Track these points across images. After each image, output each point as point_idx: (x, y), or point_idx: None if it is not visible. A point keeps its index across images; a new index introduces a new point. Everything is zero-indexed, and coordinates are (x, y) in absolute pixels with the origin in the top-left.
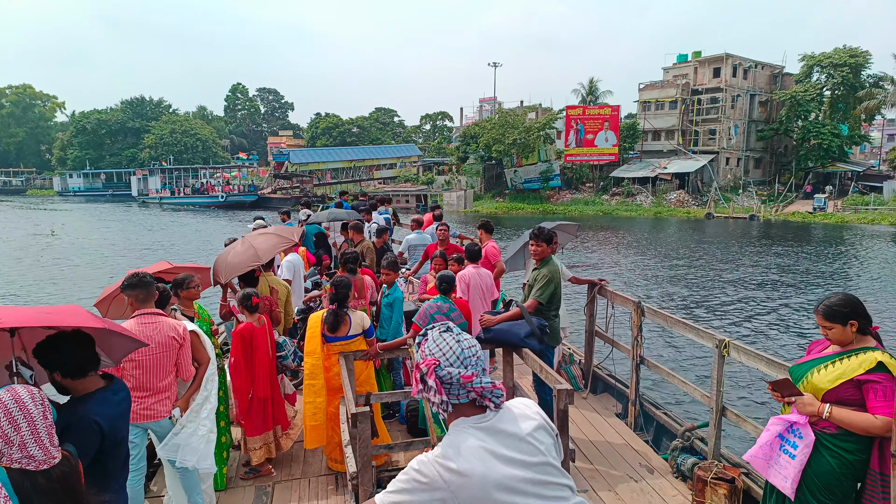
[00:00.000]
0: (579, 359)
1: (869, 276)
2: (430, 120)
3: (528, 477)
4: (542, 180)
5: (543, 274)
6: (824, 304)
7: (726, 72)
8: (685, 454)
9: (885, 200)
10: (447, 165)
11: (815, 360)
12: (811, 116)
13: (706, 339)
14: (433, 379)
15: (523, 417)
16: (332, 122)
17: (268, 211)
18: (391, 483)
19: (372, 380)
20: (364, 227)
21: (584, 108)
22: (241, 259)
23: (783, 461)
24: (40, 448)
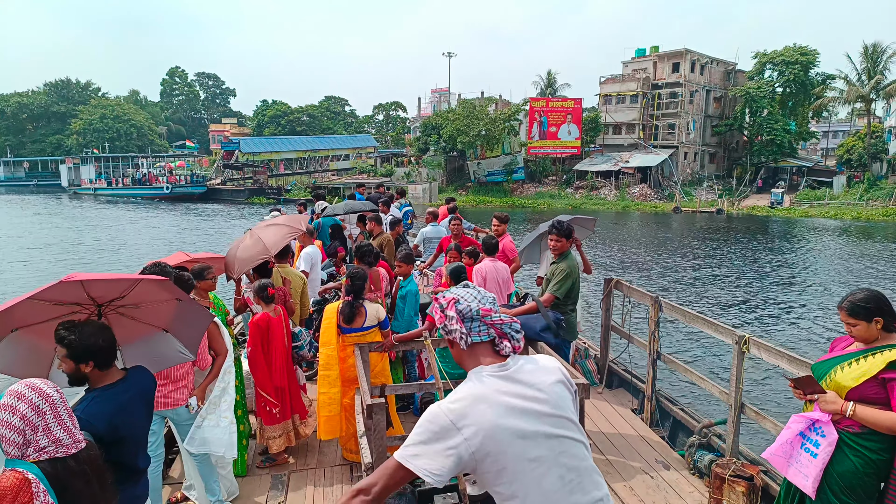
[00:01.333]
0: (594, 353)
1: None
2: (384, 110)
3: (541, 430)
4: (505, 173)
5: (562, 268)
6: (849, 301)
7: (685, 67)
8: (702, 451)
9: (836, 195)
10: (406, 157)
11: (839, 357)
12: (764, 113)
13: (725, 335)
14: (453, 310)
15: (543, 370)
16: (281, 109)
17: (219, 203)
18: (409, 437)
19: (387, 372)
20: (382, 220)
21: (547, 101)
22: (250, 253)
23: (804, 459)
24: (66, 432)
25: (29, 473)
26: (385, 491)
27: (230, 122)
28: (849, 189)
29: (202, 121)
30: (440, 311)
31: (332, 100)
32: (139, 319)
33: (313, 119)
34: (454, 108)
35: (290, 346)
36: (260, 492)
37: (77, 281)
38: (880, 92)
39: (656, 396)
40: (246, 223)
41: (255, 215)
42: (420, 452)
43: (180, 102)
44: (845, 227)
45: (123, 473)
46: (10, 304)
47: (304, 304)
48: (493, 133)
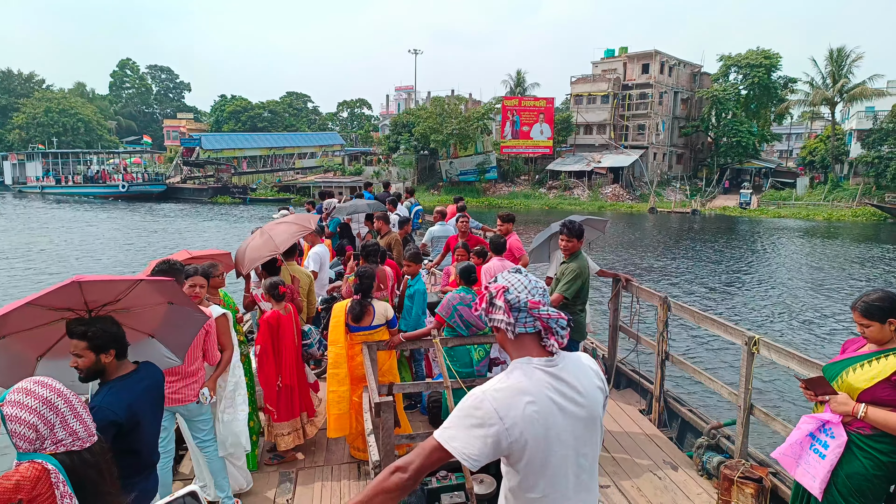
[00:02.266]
0: (602, 353)
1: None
2: (348, 107)
3: (575, 432)
4: (478, 172)
5: (572, 268)
6: (862, 301)
7: (654, 68)
8: (711, 452)
9: (800, 196)
10: (376, 155)
11: (851, 358)
12: (730, 115)
13: (735, 335)
14: (502, 300)
15: (585, 372)
16: (241, 105)
17: (181, 203)
18: (449, 419)
19: (395, 370)
20: (390, 219)
21: (520, 100)
22: (259, 251)
23: (812, 460)
24: (82, 424)
25: (47, 464)
26: (422, 470)
27: (186, 117)
28: (812, 190)
29: (154, 115)
30: (489, 299)
31: (295, 96)
32: (127, 325)
33: (275, 115)
34: (425, 105)
35: (300, 344)
36: (268, 488)
37: (76, 283)
38: (844, 95)
39: (664, 397)
40: (219, 224)
41: (227, 216)
42: (460, 435)
43: (131, 96)
44: (818, 227)
45: (138, 465)
46: (8, 308)
47: (311, 301)
48: (467, 132)
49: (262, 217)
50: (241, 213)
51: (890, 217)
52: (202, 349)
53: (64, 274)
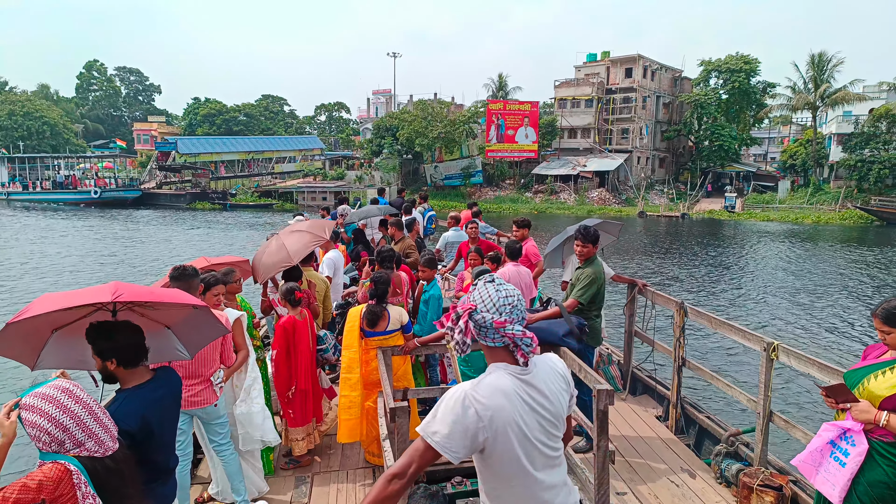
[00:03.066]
0: (618, 359)
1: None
2: (326, 110)
3: (542, 437)
4: (463, 176)
5: (587, 274)
6: (883, 308)
7: (637, 73)
8: (729, 460)
9: (782, 199)
10: (358, 160)
11: (872, 365)
12: (711, 119)
13: (753, 341)
14: (465, 320)
15: (553, 377)
16: (215, 108)
17: (157, 209)
18: (430, 413)
19: (409, 375)
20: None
21: (504, 103)
22: (273, 260)
23: (833, 468)
24: (104, 430)
25: (70, 465)
26: (417, 471)
27: (157, 120)
28: (793, 193)
29: (123, 119)
30: (454, 318)
31: (271, 99)
32: (149, 317)
33: (251, 119)
34: (407, 109)
35: (315, 349)
36: (285, 492)
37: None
38: (826, 99)
39: (681, 403)
40: (207, 232)
41: (209, 223)
42: (441, 430)
43: (98, 98)
44: (808, 231)
45: (154, 472)
46: (45, 310)
47: (327, 307)
48: (453, 135)
49: (246, 224)
50: (224, 219)
51: (876, 220)
52: (219, 352)
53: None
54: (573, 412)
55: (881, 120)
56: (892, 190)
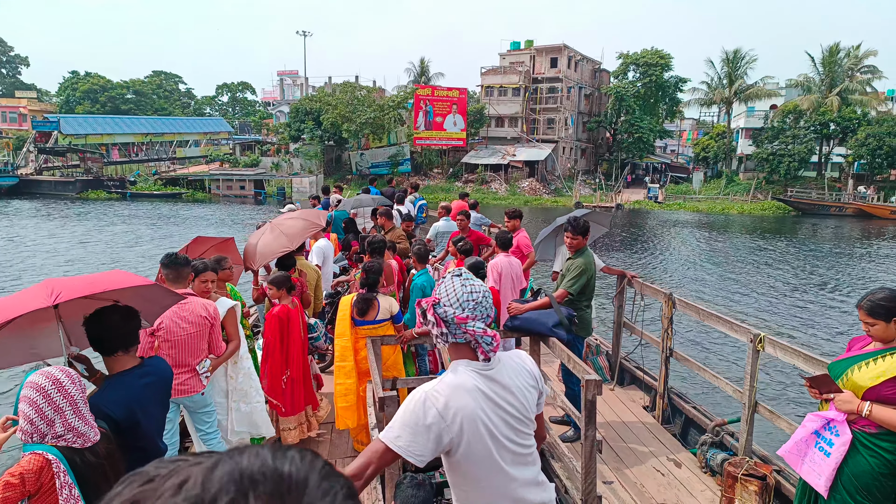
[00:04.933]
0: (606, 350)
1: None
2: (229, 90)
3: (508, 432)
4: (391, 165)
5: (578, 264)
6: (868, 300)
7: (562, 63)
8: (714, 449)
9: (697, 190)
10: (274, 145)
11: (856, 356)
12: (631, 112)
13: (740, 332)
14: (432, 314)
15: (519, 373)
16: (98, 83)
17: (40, 199)
18: (393, 419)
19: (399, 365)
20: (394, 214)
21: (433, 89)
22: (272, 247)
23: (818, 458)
24: (87, 425)
25: (48, 454)
26: (374, 473)
27: (27, 96)
28: (706, 185)
29: None
30: (422, 312)
31: (164, 75)
32: (94, 298)
33: (141, 97)
34: (324, 90)
35: (307, 338)
36: None
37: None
38: (740, 95)
39: (668, 394)
40: (118, 228)
41: (109, 215)
42: (404, 435)
43: None
44: (735, 220)
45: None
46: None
47: (318, 297)
48: (382, 121)
49: (152, 215)
50: (124, 210)
51: (792, 210)
52: (206, 341)
53: None
54: (562, 402)
55: (789, 115)
56: (797, 181)
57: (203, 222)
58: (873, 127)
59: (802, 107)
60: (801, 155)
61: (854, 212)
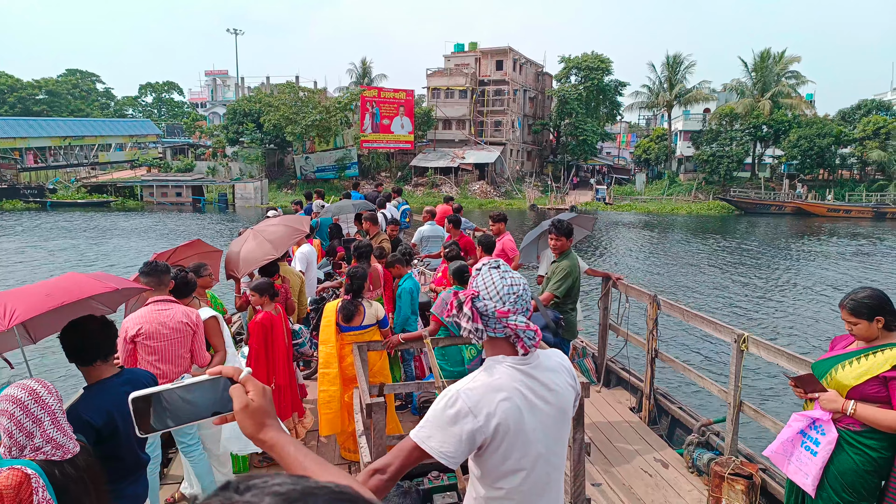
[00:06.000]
0: (592, 352)
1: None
2: (153, 90)
3: (546, 429)
4: (337, 168)
5: (562, 267)
6: (850, 299)
7: (508, 65)
8: (701, 449)
9: (640, 191)
10: (209, 149)
11: (840, 355)
12: (574, 114)
13: (724, 333)
14: (469, 307)
15: (557, 371)
16: (5, 83)
17: None
18: (425, 417)
19: (386, 370)
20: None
21: (379, 91)
22: (255, 253)
23: (804, 458)
24: (66, 436)
25: (27, 469)
26: (401, 470)
27: None
28: (649, 186)
29: None
30: (457, 304)
31: (79, 74)
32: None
33: (55, 98)
34: (270, 92)
35: (291, 345)
36: None
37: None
38: (680, 99)
39: (654, 395)
40: (56, 243)
41: (32, 228)
42: (436, 434)
43: None
44: (686, 221)
45: (122, 471)
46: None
47: (302, 302)
48: (328, 123)
49: (77, 227)
50: (45, 221)
51: (736, 210)
52: (189, 350)
53: None
54: None
55: (725, 118)
56: (733, 181)
57: (153, 233)
58: (804, 129)
59: (738, 110)
60: (739, 156)
61: (793, 210)
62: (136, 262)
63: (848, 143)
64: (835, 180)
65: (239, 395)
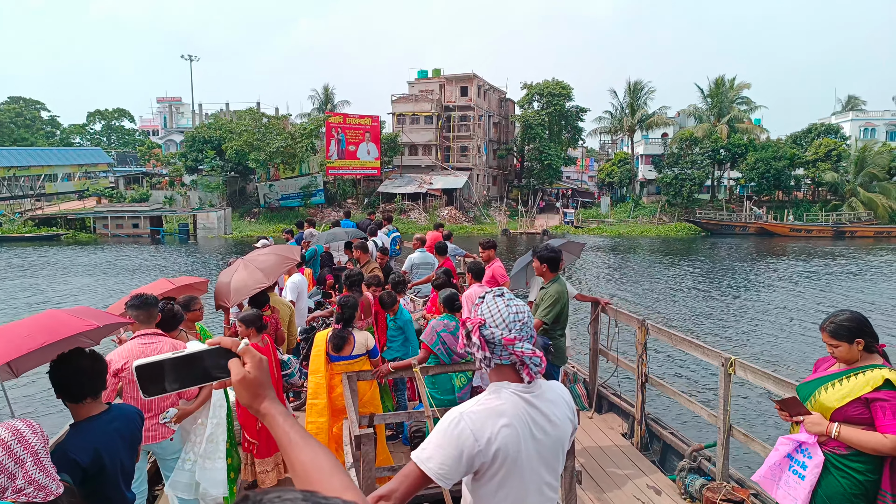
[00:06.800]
0: (583, 377)
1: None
2: (103, 118)
3: (541, 455)
4: (303, 196)
5: (550, 293)
6: (830, 322)
7: (472, 91)
8: (693, 475)
9: (605, 214)
10: (166, 177)
11: (823, 377)
12: (537, 140)
13: (711, 357)
14: (477, 336)
15: (557, 403)
16: None
17: None
18: (426, 440)
19: (376, 401)
20: (369, 247)
21: (344, 117)
22: (246, 282)
23: (792, 482)
24: (49, 477)
25: None
26: (406, 496)
27: None
28: (613, 209)
29: None
30: (466, 335)
31: (22, 102)
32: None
33: None
34: (230, 118)
35: (280, 376)
36: None
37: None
38: (642, 124)
39: (646, 420)
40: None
41: None
42: (436, 456)
43: None
44: (656, 243)
45: None
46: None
47: (292, 332)
48: (294, 150)
49: (33, 265)
50: None
51: (702, 231)
52: None
53: None
54: None
55: (685, 142)
56: (694, 203)
57: (118, 269)
58: (760, 152)
59: (697, 134)
60: (700, 179)
61: (756, 230)
62: (108, 302)
63: (801, 166)
64: (790, 201)
65: (236, 367)
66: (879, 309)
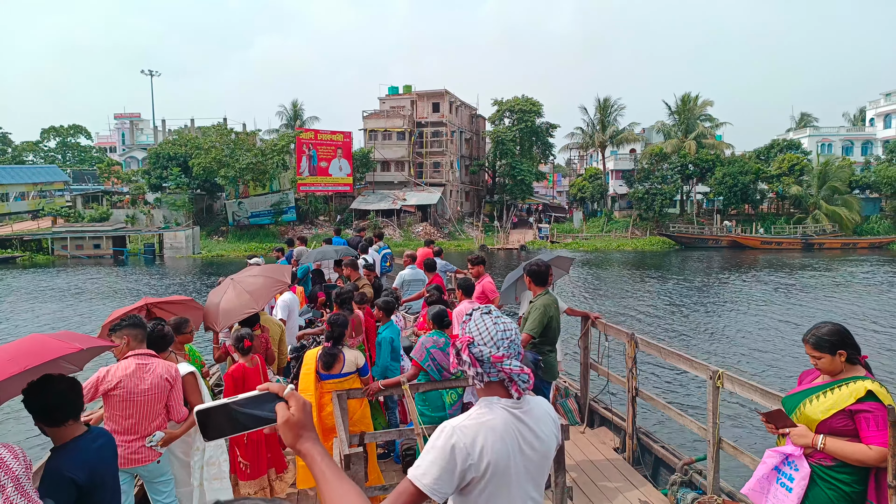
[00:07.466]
0: (575, 392)
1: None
2: (57, 135)
3: (528, 470)
4: (273, 213)
5: (536, 307)
6: (812, 334)
7: (444, 107)
8: (685, 489)
9: (578, 228)
10: (128, 195)
11: (807, 390)
12: (509, 156)
13: (700, 370)
14: (467, 354)
15: (544, 420)
16: None
17: None
18: (420, 456)
19: (367, 419)
20: (359, 265)
21: (316, 133)
22: (234, 305)
23: (780, 494)
24: (30, 502)
25: None
26: None
27: None
28: (586, 223)
29: None
30: (456, 353)
31: None
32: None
33: None
34: (195, 135)
35: None
36: None
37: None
38: (613, 140)
39: (637, 434)
40: None
41: None
42: (430, 471)
43: None
44: (634, 257)
45: None
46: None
47: (283, 352)
48: (265, 166)
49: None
50: None
51: (676, 245)
52: (164, 404)
53: None
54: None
55: (655, 157)
56: (665, 217)
57: (90, 294)
58: (727, 167)
59: (666, 150)
60: (671, 194)
61: (729, 243)
62: (86, 328)
63: (765, 180)
64: (757, 214)
65: (282, 410)
66: (859, 318)
